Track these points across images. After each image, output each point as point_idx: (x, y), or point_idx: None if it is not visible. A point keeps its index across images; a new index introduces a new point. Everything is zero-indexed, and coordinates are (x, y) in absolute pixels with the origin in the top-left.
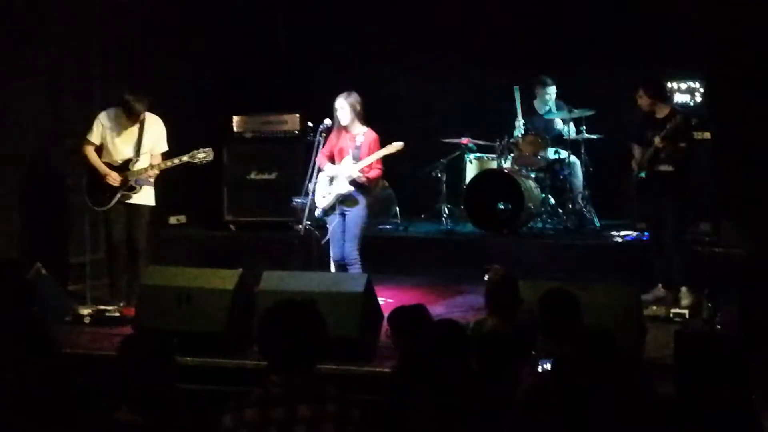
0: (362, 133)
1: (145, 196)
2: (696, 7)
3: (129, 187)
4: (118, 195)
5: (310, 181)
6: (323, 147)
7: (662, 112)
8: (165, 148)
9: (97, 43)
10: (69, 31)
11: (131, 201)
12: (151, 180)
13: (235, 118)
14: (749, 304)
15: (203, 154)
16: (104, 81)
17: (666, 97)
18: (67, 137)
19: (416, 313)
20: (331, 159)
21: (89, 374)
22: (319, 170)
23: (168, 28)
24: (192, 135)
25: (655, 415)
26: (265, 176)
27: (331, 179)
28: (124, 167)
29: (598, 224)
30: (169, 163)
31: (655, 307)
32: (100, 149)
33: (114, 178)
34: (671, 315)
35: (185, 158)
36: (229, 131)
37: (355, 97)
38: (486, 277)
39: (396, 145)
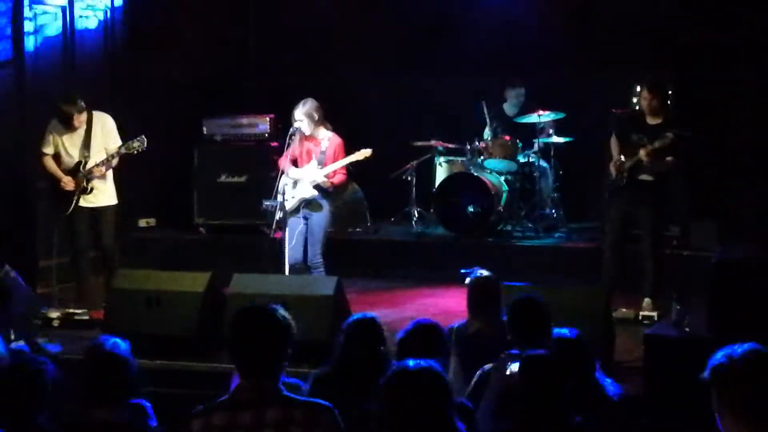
0: (327, 138)
1: (106, 197)
2: (667, 10)
3: (83, 189)
4: (76, 197)
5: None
6: (288, 150)
7: (656, 119)
8: (118, 142)
9: (66, 46)
10: (38, 34)
11: (93, 204)
12: (105, 174)
13: (206, 121)
14: (718, 307)
15: (137, 143)
16: (74, 84)
17: (666, 105)
18: (32, 141)
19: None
20: (294, 162)
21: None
22: (283, 173)
23: (138, 30)
24: (162, 137)
25: (624, 417)
26: (236, 179)
27: (295, 183)
28: (76, 170)
29: (567, 227)
30: (109, 158)
31: (624, 310)
32: (57, 157)
33: (66, 182)
34: (640, 317)
35: (122, 149)
36: (200, 134)
37: (310, 105)
38: (468, 281)
39: (363, 152)
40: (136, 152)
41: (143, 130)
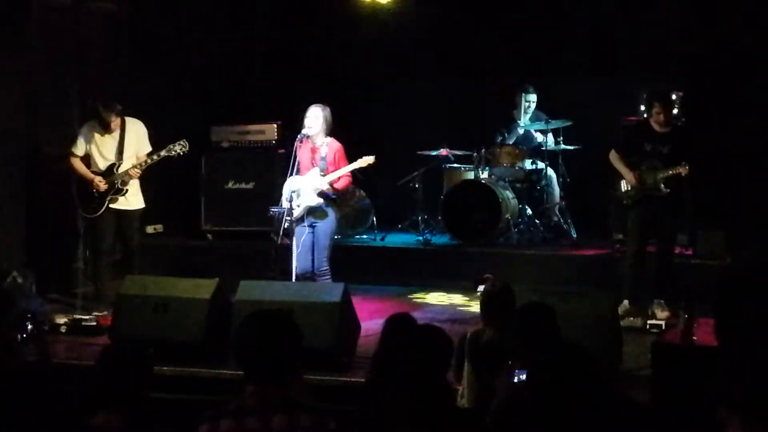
0: (326, 144)
1: (135, 200)
2: (674, 18)
3: (116, 190)
4: (108, 199)
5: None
6: (295, 159)
7: (664, 127)
8: (149, 148)
9: (74, 52)
10: (46, 39)
11: (123, 207)
12: (135, 178)
13: (213, 128)
14: (724, 316)
15: (179, 147)
16: (81, 89)
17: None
18: (44, 144)
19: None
20: (298, 170)
21: (64, 383)
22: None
23: (146, 37)
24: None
25: (631, 426)
26: (243, 186)
27: (299, 191)
28: (109, 172)
29: (574, 235)
30: (148, 160)
31: (631, 318)
32: (86, 160)
33: (99, 182)
34: (647, 326)
35: (163, 153)
36: (207, 141)
37: (328, 111)
38: (481, 288)
39: (366, 159)
40: (177, 155)
41: (150, 137)
